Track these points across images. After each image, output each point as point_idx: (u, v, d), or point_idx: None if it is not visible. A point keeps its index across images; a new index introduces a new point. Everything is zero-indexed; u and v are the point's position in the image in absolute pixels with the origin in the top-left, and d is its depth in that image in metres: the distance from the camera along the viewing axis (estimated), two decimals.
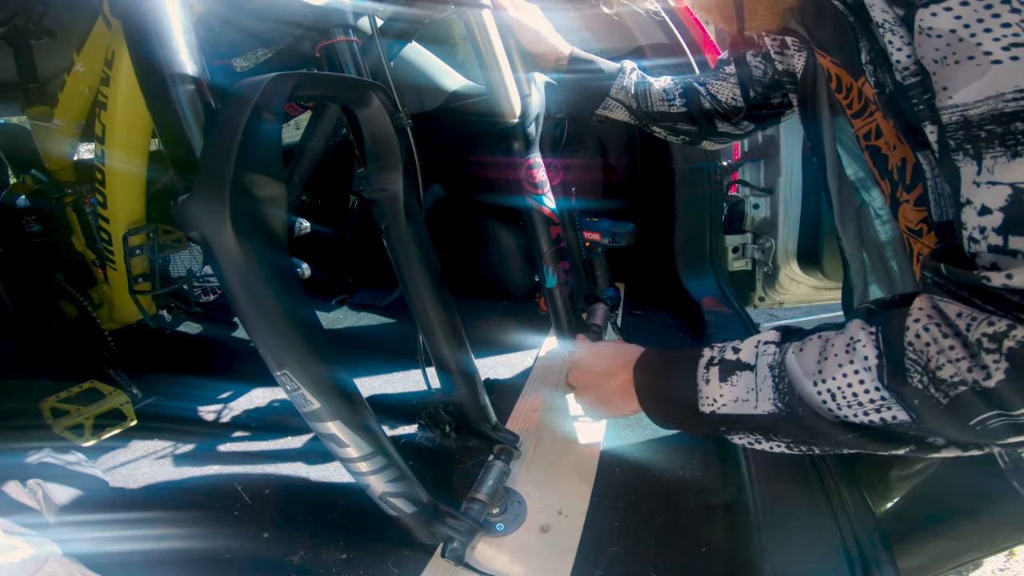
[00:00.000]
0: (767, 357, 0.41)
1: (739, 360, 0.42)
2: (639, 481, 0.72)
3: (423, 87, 1.46)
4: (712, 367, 0.43)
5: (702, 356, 0.45)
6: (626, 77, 0.83)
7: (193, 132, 0.44)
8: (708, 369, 0.43)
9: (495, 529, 0.64)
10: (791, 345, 0.40)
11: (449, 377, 0.75)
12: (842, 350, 0.36)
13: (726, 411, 0.42)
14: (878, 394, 0.34)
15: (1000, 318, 0.29)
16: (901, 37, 0.35)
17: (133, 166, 0.94)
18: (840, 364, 0.35)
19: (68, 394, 0.97)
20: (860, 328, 0.35)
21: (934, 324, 0.31)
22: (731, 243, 1.32)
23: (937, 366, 0.31)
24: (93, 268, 1.19)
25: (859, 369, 0.34)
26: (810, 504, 0.58)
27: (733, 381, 0.42)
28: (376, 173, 0.67)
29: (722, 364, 0.43)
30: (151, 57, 0.44)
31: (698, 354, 0.45)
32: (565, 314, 0.93)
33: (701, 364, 0.44)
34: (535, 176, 0.89)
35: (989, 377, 0.29)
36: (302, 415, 0.51)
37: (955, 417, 0.31)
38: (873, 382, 0.34)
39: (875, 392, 0.34)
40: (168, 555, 0.66)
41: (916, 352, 0.32)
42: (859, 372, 0.34)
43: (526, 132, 0.87)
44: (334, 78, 0.64)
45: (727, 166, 1.28)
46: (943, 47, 0.30)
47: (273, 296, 0.45)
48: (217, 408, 1.03)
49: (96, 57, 0.89)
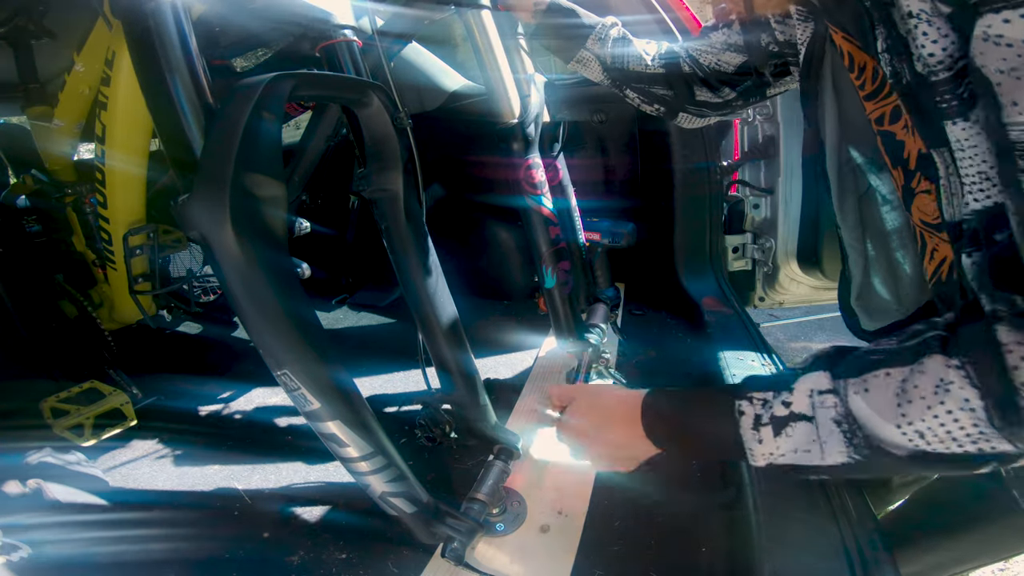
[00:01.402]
0: (828, 411, 0.38)
1: (792, 413, 0.39)
2: (639, 481, 0.72)
3: (423, 87, 1.46)
4: (762, 427, 0.40)
5: (742, 413, 0.41)
6: (606, 31, 0.77)
7: (193, 132, 0.44)
8: (758, 430, 0.40)
9: (495, 529, 0.64)
10: (849, 387, 0.37)
11: (449, 377, 0.75)
12: (930, 391, 0.34)
13: (785, 461, 0.40)
14: (976, 430, 0.33)
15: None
16: (939, 30, 0.33)
17: (133, 166, 0.94)
18: (930, 406, 0.34)
19: (68, 394, 0.97)
20: (944, 366, 0.34)
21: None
22: (731, 243, 1.32)
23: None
24: (93, 268, 1.19)
25: (956, 409, 0.33)
26: (810, 504, 0.58)
27: (789, 432, 0.39)
28: (376, 173, 0.67)
29: (774, 421, 0.40)
30: (151, 57, 0.44)
31: (731, 406, 0.42)
32: (564, 314, 0.93)
33: (746, 425, 0.41)
34: (534, 176, 0.89)
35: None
36: (302, 415, 0.51)
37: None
38: (977, 422, 0.33)
39: (974, 429, 0.33)
40: (168, 555, 0.66)
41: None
42: (957, 413, 0.33)
43: (525, 133, 0.87)
44: (334, 78, 0.64)
45: (727, 166, 1.28)
46: (1014, 58, 0.28)
47: (273, 296, 0.45)
48: (217, 408, 1.03)
49: (96, 57, 0.89)
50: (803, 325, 2.32)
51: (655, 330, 1.20)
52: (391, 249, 0.71)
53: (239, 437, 0.93)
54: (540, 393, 0.96)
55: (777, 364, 0.88)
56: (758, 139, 1.26)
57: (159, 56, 0.43)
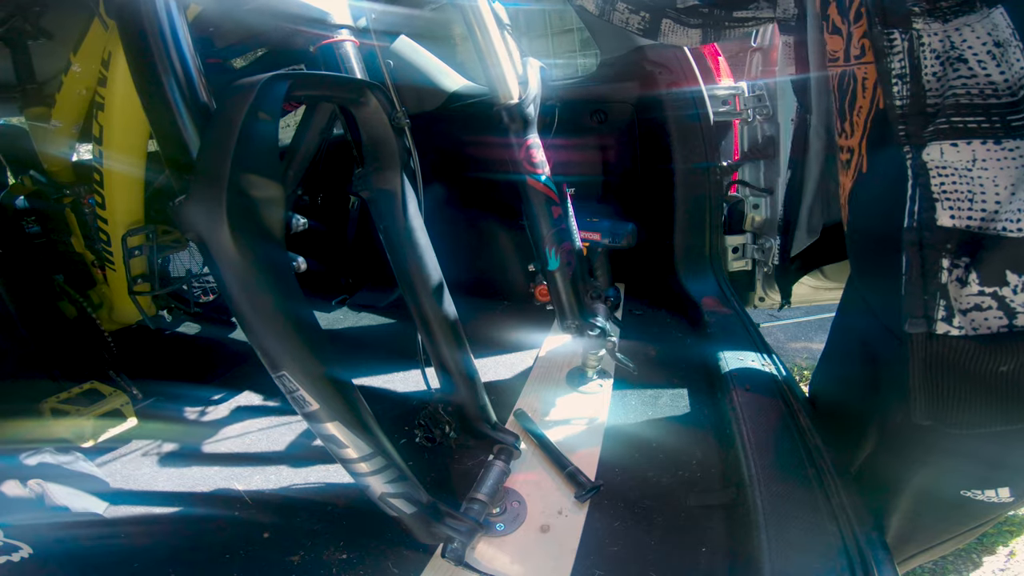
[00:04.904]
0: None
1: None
2: (639, 481, 0.72)
3: (423, 87, 1.45)
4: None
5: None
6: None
7: (189, 133, 0.43)
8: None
9: (495, 529, 0.64)
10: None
11: (449, 377, 0.75)
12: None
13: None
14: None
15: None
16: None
17: (131, 167, 0.94)
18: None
19: (68, 395, 0.97)
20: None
21: None
22: (731, 243, 1.32)
23: None
24: (92, 269, 1.19)
25: None
26: (810, 504, 0.57)
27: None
28: (374, 173, 0.66)
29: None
30: (146, 57, 0.43)
31: None
32: (567, 298, 0.90)
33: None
34: (534, 156, 0.88)
35: None
36: (301, 417, 0.51)
37: None
38: None
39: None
40: (168, 555, 0.66)
41: None
42: None
43: (525, 112, 0.86)
44: (331, 78, 0.64)
45: (727, 166, 1.27)
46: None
47: (271, 298, 0.44)
48: (217, 408, 1.03)
49: (93, 58, 0.88)
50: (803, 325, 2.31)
51: (655, 330, 1.19)
52: (390, 249, 0.70)
53: (239, 437, 0.93)
54: (540, 393, 0.96)
55: (777, 364, 0.88)
56: (758, 139, 1.26)
57: (154, 56, 0.43)
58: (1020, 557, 1.26)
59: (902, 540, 0.65)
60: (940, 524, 0.65)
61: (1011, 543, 1.29)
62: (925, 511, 0.62)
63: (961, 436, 0.51)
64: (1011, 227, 0.40)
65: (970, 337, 0.43)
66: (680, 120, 1.23)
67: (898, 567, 0.53)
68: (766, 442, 0.67)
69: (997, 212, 0.41)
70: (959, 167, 0.42)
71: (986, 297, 0.42)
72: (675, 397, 0.92)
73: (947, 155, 0.42)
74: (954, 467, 0.55)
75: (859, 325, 0.64)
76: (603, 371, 0.98)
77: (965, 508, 0.58)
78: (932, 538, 0.67)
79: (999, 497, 0.54)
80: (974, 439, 0.50)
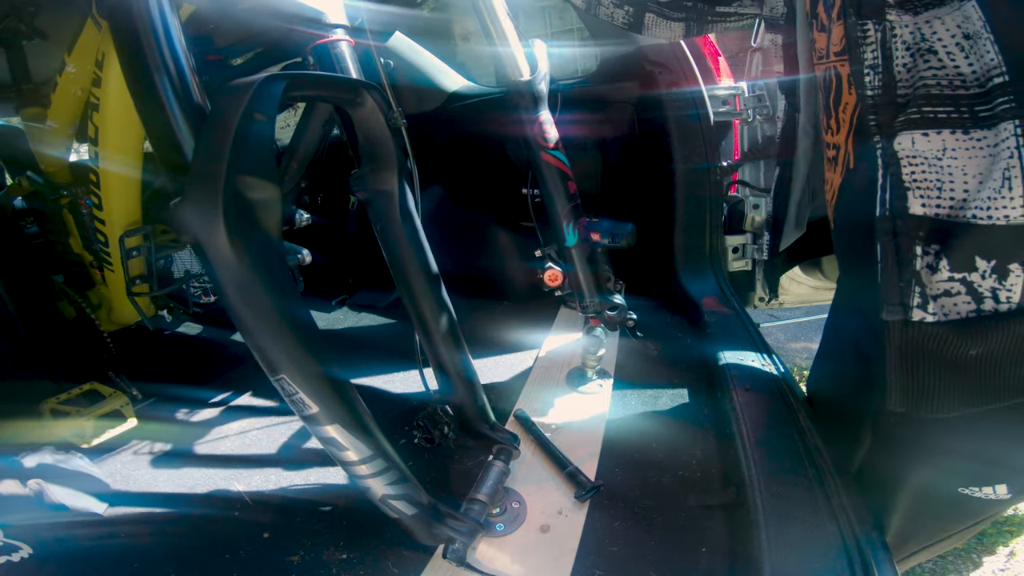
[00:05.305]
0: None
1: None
2: (639, 481, 0.72)
3: (422, 87, 1.45)
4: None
5: None
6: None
7: (184, 134, 0.43)
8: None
9: (495, 529, 0.64)
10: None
11: (447, 378, 0.75)
12: None
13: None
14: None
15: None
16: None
17: (127, 168, 0.94)
18: None
19: (68, 396, 0.97)
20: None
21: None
22: (731, 243, 1.31)
23: None
24: (91, 270, 1.18)
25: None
26: (810, 504, 0.57)
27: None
28: (371, 174, 0.66)
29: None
30: (139, 58, 0.43)
31: None
32: (585, 275, 0.90)
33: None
34: (547, 131, 0.89)
35: None
36: (301, 420, 0.51)
37: None
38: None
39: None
40: (168, 555, 0.66)
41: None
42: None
43: (536, 89, 0.88)
44: (327, 78, 0.64)
45: (727, 166, 1.27)
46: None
47: (268, 301, 0.44)
48: (217, 409, 1.03)
49: (87, 58, 0.88)
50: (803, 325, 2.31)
51: (655, 330, 1.19)
52: (387, 250, 0.70)
53: (239, 438, 0.93)
54: (540, 393, 0.96)
55: (777, 364, 0.88)
56: (758, 139, 1.26)
57: (147, 56, 0.43)
58: (1020, 557, 1.26)
59: (902, 539, 0.66)
60: (939, 522, 0.65)
61: (1011, 543, 1.29)
62: (924, 509, 0.62)
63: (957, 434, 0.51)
64: (981, 214, 0.41)
65: (942, 323, 0.43)
66: (680, 120, 1.23)
67: (898, 566, 0.53)
68: (766, 442, 0.67)
69: (966, 200, 0.42)
70: (929, 156, 0.42)
71: (955, 283, 0.42)
72: (675, 397, 0.92)
73: (918, 144, 0.43)
74: (951, 465, 0.55)
75: (850, 323, 0.64)
76: (603, 371, 0.98)
77: (963, 506, 0.58)
78: (932, 536, 0.67)
79: (997, 494, 0.54)
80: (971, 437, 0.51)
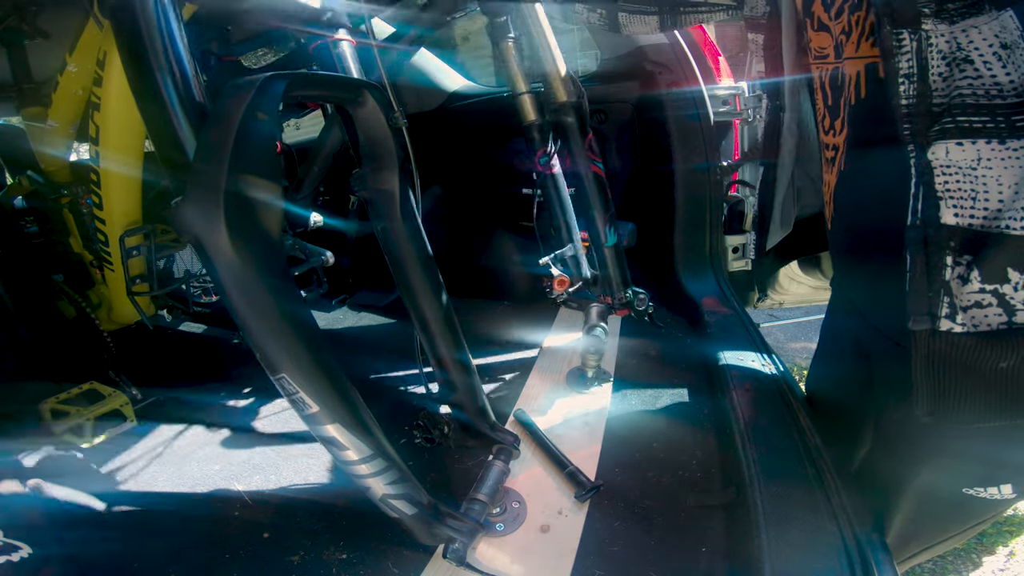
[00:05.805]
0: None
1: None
2: (639, 481, 0.72)
3: (422, 87, 1.45)
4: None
5: None
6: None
7: (185, 133, 0.43)
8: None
9: (495, 529, 0.64)
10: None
11: (447, 377, 0.75)
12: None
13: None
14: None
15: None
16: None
17: (128, 167, 0.94)
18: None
19: (68, 395, 0.97)
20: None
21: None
22: (731, 243, 1.31)
23: None
24: (91, 269, 1.18)
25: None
26: (810, 504, 0.57)
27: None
28: (372, 173, 0.66)
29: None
30: (141, 57, 0.43)
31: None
32: (621, 268, 1.02)
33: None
34: (594, 144, 1.00)
35: None
36: (301, 419, 0.51)
37: None
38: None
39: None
40: (168, 555, 0.66)
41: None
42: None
43: (585, 109, 0.97)
44: (328, 78, 0.64)
45: (727, 166, 1.27)
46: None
47: (270, 301, 0.44)
48: (217, 408, 1.03)
49: (88, 58, 0.88)
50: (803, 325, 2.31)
51: (655, 330, 1.19)
52: (387, 250, 0.70)
53: (239, 437, 0.93)
54: (540, 393, 0.96)
55: (777, 364, 0.88)
56: (758, 139, 1.26)
57: (148, 56, 0.43)
58: (1020, 557, 1.26)
59: (903, 539, 0.66)
60: (942, 522, 0.65)
61: (1011, 543, 1.29)
62: (927, 510, 0.62)
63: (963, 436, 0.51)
64: (1014, 225, 0.41)
65: (971, 334, 0.43)
66: (680, 120, 1.23)
67: (898, 566, 0.53)
68: (766, 442, 0.67)
69: (1000, 211, 0.41)
70: (963, 166, 0.42)
71: (987, 294, 0.42)
72: (675, 397, 0.92)
73: (952, 154, 0.43)
74: (956, 466, 0.55)
75: (848, 324, 0.64)
76: (603, 371, 0.98)
77: (967, 506, 0.58)
78: (934, 536, 0.67)
79: (1002, 494, 0.54)
80: (975, 438, 0.51)
